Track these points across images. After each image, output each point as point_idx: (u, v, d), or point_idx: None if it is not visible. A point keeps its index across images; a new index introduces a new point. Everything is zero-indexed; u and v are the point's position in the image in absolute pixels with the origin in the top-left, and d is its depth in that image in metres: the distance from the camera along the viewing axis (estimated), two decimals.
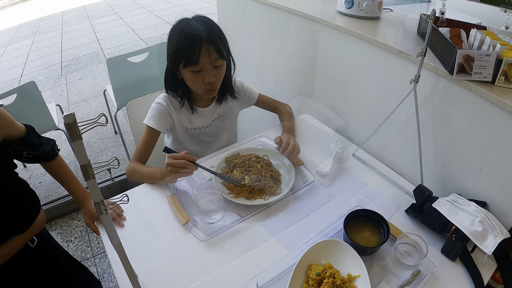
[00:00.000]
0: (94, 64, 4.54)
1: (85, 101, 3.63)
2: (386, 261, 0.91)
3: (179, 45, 1.09)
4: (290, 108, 1.46)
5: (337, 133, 1.43)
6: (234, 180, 1.11)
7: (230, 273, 0.89)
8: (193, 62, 1.08)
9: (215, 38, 1.10)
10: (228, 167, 1.17)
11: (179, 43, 1.09)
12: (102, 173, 2.32)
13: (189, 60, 1.08)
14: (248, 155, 1.22)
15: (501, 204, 0.99)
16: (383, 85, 1.28)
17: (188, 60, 1.08)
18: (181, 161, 1.03)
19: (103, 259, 1.95)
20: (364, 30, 1.31)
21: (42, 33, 6.47)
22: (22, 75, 4.51)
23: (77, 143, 0.50)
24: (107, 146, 2.89)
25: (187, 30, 1.08)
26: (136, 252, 0.92)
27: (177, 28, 1.10)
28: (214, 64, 1.12)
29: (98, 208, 0.58)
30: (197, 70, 1.11)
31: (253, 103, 1.42)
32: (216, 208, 0.99)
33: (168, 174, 1.05)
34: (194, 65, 1.09)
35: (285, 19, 1.68)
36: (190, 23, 1.09)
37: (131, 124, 1.51)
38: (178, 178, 1.11)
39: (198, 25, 1.09)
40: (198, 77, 1.12)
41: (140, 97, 1.49)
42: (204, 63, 1.09)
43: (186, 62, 1.09)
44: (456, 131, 1.06)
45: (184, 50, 1.08)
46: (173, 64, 1.15)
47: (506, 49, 0.94)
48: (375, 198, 1.11)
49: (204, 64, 1.09)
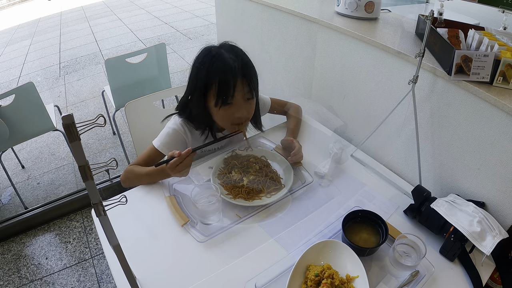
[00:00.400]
0: (92, 65, 4.53)
1: (84, 102, 3.63)
2: (384, 262, 0.91)
3: (210, 81, 1.03)
4: (300, 108, 1.43)
5: (335, 133, 1.43)
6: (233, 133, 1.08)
7: (228, 274, 0.89)
8: (228, 102, 1.04)
9: (248, 70, 1.05)
10: (227, 168, 1.17)
11: (210, 79, 1.03)
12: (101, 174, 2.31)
13: (224, 100, 1.03)
14: (247, 156, 1.22)
15: (499, 204, 0.99)
16: (381, 85, 1.29)
17: (223, 100, 1.03)
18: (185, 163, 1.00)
19: (101, 260, 1.95)
20: (362, 30, 1.31)
21: (40, 33, 6.46)
22: (21, 75, 4.50)
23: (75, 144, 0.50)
24: (105, 147, 2.89)
25: (220, 64, 1.02)
26: (135, 253, 0.92)
27: (207, 59, 1.04)
28: (246, 97, 1.07)
29: (96, 209, 0.58)
30: (228, 105, 1.06)
31: (266, 112, 1.37)
32: (214, 209, 0.99)
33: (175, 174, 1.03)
34: (228, 104, 1.05)
35: (283, 20, 1.68)
36: (221, 55, 1.03)
37: (130, 125, 1.50)
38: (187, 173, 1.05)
39: (231, 57, 1.03)
40: (228, 112, 1.07)
41: (139, 98, 1.48)
42: (236, 98, 1.05)
43: (219, 101, 1.04)
44: (454, 131, 1.06)
45: (218, 89, 1.02)
46: (199, 96, 1.08)
47: (504, 49, 0.95)
48: (373, 198, 1.11)
49: (237, 98, 1.05)
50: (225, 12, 2.26)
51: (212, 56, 1.05)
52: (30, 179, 2.59)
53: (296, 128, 1.37)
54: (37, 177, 2.60)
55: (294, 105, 1.43)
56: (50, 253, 2.00)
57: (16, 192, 2.29)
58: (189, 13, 6.50)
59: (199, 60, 1.08)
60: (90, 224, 2.17)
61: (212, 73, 1.03)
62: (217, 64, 1.03)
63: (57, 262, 1.94)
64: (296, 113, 1.40)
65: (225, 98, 1.03)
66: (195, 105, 1.11)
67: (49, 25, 6.97)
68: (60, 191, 2.44)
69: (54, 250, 2.01)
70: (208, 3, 7.04)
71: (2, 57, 5.39)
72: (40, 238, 2.10)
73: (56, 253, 1.99)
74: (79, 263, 1.93)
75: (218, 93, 1.03)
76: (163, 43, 2.33)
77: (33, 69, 4.70)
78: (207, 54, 1.06)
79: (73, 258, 1.96)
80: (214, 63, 1.03)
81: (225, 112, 1.08)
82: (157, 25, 5.99)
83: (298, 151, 1.17)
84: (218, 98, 1.04)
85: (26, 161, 2.77)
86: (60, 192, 2.42)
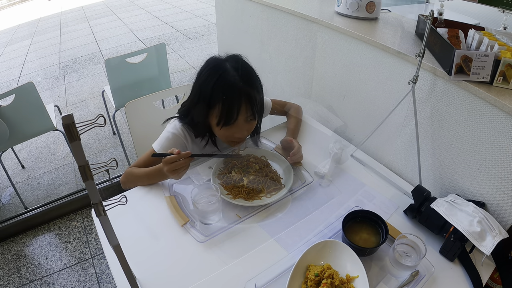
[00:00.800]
0: (92, 65, 4.53)
1: (84, 102, 3.63)
2: (384, 262, 0.91)
3: (214, 99, 1.02)
4: (300, 109, 1.43)
5: (335, 133, 1.43)
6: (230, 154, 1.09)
7: (228, 274, 0.89)
8: (230, 123, 1.04)
9: (253, 92, 1.04)
10: (226, 168, 1.17)
11: (215, 97, 1.02)
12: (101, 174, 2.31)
13: (226, 122, 1.03)
14: (247, 156, 1.22)
15: (499, 204, 0.99)
16: (381, 85, 1.29)
17: (225, 122, 1.03)
18: (180, 162, 1.00)
19: (101, 260, 1.95)
20: (362, 30, 1.31)
21: (40, 33, 6.46)
22: (21, 75, 4.50)
23: (75, 144, 0.50)
24: (105, 147, 2.89)
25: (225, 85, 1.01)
26: (135, 253, 0.92)
27: (213, 75, 1.03)
28: (249, 119, 1.07)
29: (96, 209, 0.58)
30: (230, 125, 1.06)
31: (267, 114, 1.36)
32: (214, 209, 0.99)
33: (171, 175, 1.02)
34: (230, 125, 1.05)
35: (284, 20, 1.68)
36: (227, 74, 1.02)
37: (130, 125, 1.50)
38: (183, 175, 1.05)
39: (236, 78, 1.01)
40: (228, 131, 1.08)
41: (139, 98, 1.48)
42: (239, 120, 1.05)
43: (221, 122, 1.04)
44: (454, 131, 1.06)
45: (221, 110, 1.02)
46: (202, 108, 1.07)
47: (504, 49, 0.95)
48: (373, 198, 1.11)
49: (239, 120, 1.05)
50: (225, 12, 2.26)
51: (219, 74, 1.03)
52: (30, 179, 2.59)
53: (296, 128, 1.37)
54: (37, 177, 2.60)
55: (294, 105, 1.42)
56: (50, 253, 2.00)
57: (16, 192, 2.29)
58: (189, 13, 6.50)
59: (205, 73, 1.06)
60: (90, 224, 2.17)
61: (216, 93, 1.02)
62: (223, 85, 1.01)
63: (57, 262, 1.94)
64: (296, 113, 1.40)
65: (227, 120, 1.03)
66: (197, 114, 1.11)
67: (49, 25, 6.97)
68: (60, 191, 2.44)
69: (54, 250, 2.01)
70: (208, 3, 7.03)
71: (2, 57, 5.39)
72: (40, 238, 2.10)
73: (56, 253, 1.99)
74: (79, 263, 1.93)
75: (221, 114, 1.03)
76: (163, 43, 2.33)
77: (33, 69, 4.69)
78: (214, 69, 1.05)
79: (73, 258, 1.96)
80: (220, 82, 1.02)
81: (225, 131, 1.08)
82: (157, 25, 5.99)
83: (298, 151, 1.17)
84: (220, 118, 1.04)
85: (26, 161, 2.77)
86: (60, 192, 2.42)
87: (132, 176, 1.16)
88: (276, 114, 1.42)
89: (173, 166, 0.99)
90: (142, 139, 1.51)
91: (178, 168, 1.00)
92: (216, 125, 1.06)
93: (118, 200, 0.61)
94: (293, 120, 1.38)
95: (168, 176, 1.04)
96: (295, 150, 1.17)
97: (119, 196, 0.61)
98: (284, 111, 1.42)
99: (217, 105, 1.02)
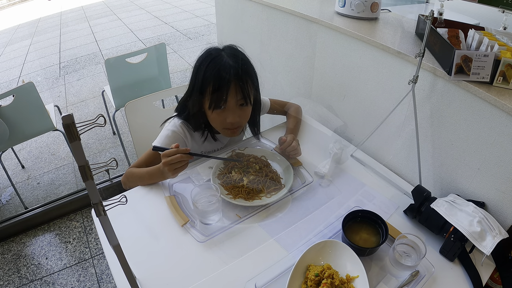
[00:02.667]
0: (92, 65, 4.54)
1: (84, 102, 3.63)
2: (384, 262, 0.91)
3: (206, 83, 1.04)
4: (300, 108, 1.44)
5: (335, 133, 1.43)
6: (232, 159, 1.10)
7: (228, 274, 0.89)
8: (220, 105, 1.05)
9: (245, 76, 1.05)
10: (226, 168, 1.17)
11: (206, 80, 1.04)
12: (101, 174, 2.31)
13: (217, 103, 1.04)
14: (247, 156, 1.22)
15: (499, 204, 0.99)
16: (381, 85, 1.29)
17: (216, 103, 1.04)
18: (177, 156, 1.00)
19: (101, 260, 1.95)
20: (362, 30, 1.31)
21: (40, 33, 6.46)
22: (21, 75, 4.50)
23: (75, 144, 0.50)
24: (105, 147, 2.89)
25: (216, 67, 1.03)
26: (135, 253, 0.92)
27: (206, 60, 1.05)
28: (239, 103, 1.07)
29: (96, 209, 0.58)
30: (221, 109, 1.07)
31: (265, 112, 1.37)
32: (214, 209, 0.99)
33: (168, 172, 1.03)
34: (221, 108, 1.06)
35: (283, 20, 1.68)
36: (220, 58, 1.04)
37: (130, 125, 1.50)
38: (179, 173, 1.05)
39: (228, 61, 1.03)
40: (221, 116, 1.08)
41: (139, 98, 1.49)
42: (229, 102, 1.05)
43: (212, 104, 1.05)
44: (454, 131, 1.06)
45: (212, 92, 1.03)
46: (197, 96, 1.09)
47: (504, 49, 0.95)
48: (373, 198, 1.11)
49: (230, 103, 1.06)
50: (225, 12, 2.26)
51: (212, 58, 1.06)
52: (30, 179, 2.59)
53: (296, 128, 1.38)
54: (37, 177, 2.60)
55: (294, 105, 1.43)
56: (50, 253, 2.00)
57: (16, 192, 2.29)
58: (189, 13, 6.50)
59: (199, 60, 1.09)
60: (90, 224, 2.17)
61: (208, 74, 1.04)
62: (214, 67, 1.04)
63: (57, 262, 1.94)
64: (296, 113, 1.40)
65: (218, 101, 1.04)
66: (192, 104, 1.12)
67: (49, 25, 6.97)
68: (60, 191, 2.44)
69: (54, 250, 2.01)
70: (208, 3, 7.04)
71: (2, 57, 5.39)
72: (40, 238, 2.10)
73: (56, 253, 1.99)
74: (79, 263, 1.93)
75: (211, 96, 1.04)
76: (163, 43, 2.33)
77: (33, 69, 4.70)
78: (207, 55, 1.07)
79: (73, 258, 1.96)
80: (211, 65, 1.04)
81: (217, 116, 1.09)
82: (157, 25, 5.99)
83: (289, 144, 1.18)
84: (211, 100, 1.05)
85: (26, 161, 2.78)
86: (60, 192, 2.42)
87: (133, 176, 1.16)
88: (276, 114, 1.42)
89: (170, 160, 0.99)
90: (142, 139, 1.51)
91: (175, 162, 1.00)
92: (208, 109, 1.07)
93: (118, 200, 0.61)
94: (292, 120, 1.38)
95: (166, 174, 1.04)
96: (287, 142, 1.18)
97: (119, 196, 0.61)
98: (284, 111, 1.42)
99: (209, 87, 1.04)
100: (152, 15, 6.67)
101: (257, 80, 1.14)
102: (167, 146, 1.12)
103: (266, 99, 1.36)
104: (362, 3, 1.39)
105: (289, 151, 1.19)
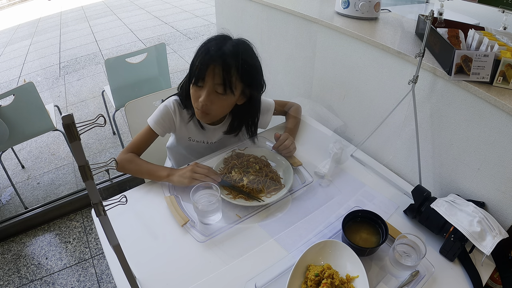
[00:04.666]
0: (92, 65, 4.53)
1: (84, 102, 3.63)
2: (384, 262, 0.91)
3: (195, 57, 1.07)
4: (300, 108, 1.43)
5: (335, 133, 1.43)
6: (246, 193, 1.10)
7: (228, 274, 0.89)
8: (197, 83, 1.07)
9: (234, 66, 1.05)
10: (226, 168, 1.17)
11: (196, 55, 1.07)
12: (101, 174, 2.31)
13: (196, 79, 1.06)
14: (247, 156, 1.22)
15: (499, 204, 0.99)
16: (381, 85, 1.29)
17: (195, 79, 1.07)
18: (205, 170, 1.08)
19: (101, 260, 1.95)
20: (362, 30, 1.31)
21: (40, 33, 6.46)
22: (21, 75, 4.50)
23: (75, 144, 0.50)
24: (105, 147, 2.89)
25: (211, 46, 1.06)
26: (135, 253, 0.92)
27: (210, 39, 1.09)
28: (216, 89, 1.07)
29: (96, 209, 0.58)
30: (199, 87, 1.08)
31: (270, 115, 1.35)
32: (214, 209, 0.99)
33: (189, 177, 1.06)
34: (198, 84, 1.07)
35: (283, 19, 1.68)
36: (220, 40, 1.07)
37: (130, 125, 1.50)
38: (195, 184, 1.05)
39: (225, 46, 1.05)
40: (196, 93, 1.09)
41: (139, 98, 1.49)
42: (207, 82, 1.06)
43: (193, 79, 1.07)
44: (454, 131, 1.06)
45: (196, 67, 1.06)
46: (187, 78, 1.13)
47: (504, 49, 0.95)
48: (373, 198, 1.11)
49: (207, 83, 1.06)
50: (225, 12, 2.26)
51: (215, 38, 1.09)
52: (30, 179, 2.59)
53: (295, 127, 1.38)
54: (37, 177, 2.60)
55: (294, 105, 1.43)
56: (50, 253, 2.00)
57: (16, 192, 2.29)
58: (189, 13, 6.50)
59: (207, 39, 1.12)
60: (90, 224, 2.17)
61: (201, 51, 1.07)
62: (209, 45, 1.07)
63: (57, 262, 1.94)
64: (295, 113, 1.41)
65: (197, 77, 1.06)
66: (185, 80, 1.16)
67: (49, 25, 6.97)
68: (60, 191, 2.44)
69: (54, 250, 2.01)
70: (208, 3, 7.03)
71: (2, 57, 5.39)
72: (40, 238, 2.10)
73: (56, 253, 1.99)
74: (79, 263, 1.93)
75: (192, 69, 1.08)
76: (163, 43, 2.33)
77: (33, 69, 4.70)
78: (215, 36, 1.11)
79: (73, 258, 1.96)
80: (209, 43, 1.07)
81: (194, 92, 1.10)
82: (157, 25, 5.99)
83: (281, 141, 1.21)
84: (192, 74, 1.08)
85: (26, 161, 2.78)
86: (60, 192, 2.42)
87: (132, 164, 1.16)
88: (276, 114, 1.42)
89: (199, 176, 1.07)
90: None
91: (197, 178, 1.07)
92: (189, 83, 1.10)
93: (118, 200, 0.61)
94: (292, 120, 1.39)
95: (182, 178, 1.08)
96: (280, 140, 1.22)
97: (119, 196, 0.61)
98: (284, 111, 1.42)
99: (196, 62, 1.07)
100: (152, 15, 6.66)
101: (256, 80, 1.14)
102: (159, 118, 1.19)
103: (270, 101, 1.34)
104: (366, 3, 1.38)
105: (281, 150, 1.21)
